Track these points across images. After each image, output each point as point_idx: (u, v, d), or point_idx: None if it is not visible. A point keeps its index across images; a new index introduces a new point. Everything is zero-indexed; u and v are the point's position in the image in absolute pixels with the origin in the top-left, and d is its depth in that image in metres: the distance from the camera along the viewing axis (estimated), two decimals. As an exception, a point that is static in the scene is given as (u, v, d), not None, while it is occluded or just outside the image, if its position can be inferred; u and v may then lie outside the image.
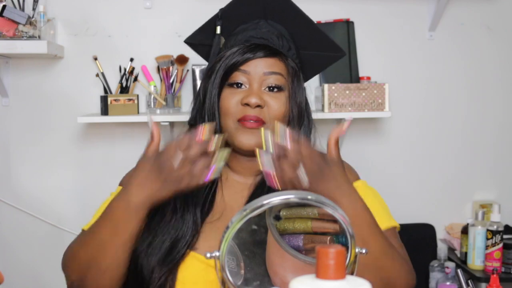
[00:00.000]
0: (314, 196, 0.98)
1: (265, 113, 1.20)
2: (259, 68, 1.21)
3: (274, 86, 1.22)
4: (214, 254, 0.97)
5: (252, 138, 1.19)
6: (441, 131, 2.40)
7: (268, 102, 1.20)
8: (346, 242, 0.98)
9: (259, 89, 1.21)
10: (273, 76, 1.21)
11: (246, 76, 1.21)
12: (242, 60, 1.21)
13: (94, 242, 1.13)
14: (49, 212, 2.23)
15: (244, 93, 1.20)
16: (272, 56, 1.22)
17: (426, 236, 2.35)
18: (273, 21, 1.28)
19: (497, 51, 2.40)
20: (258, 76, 1.21)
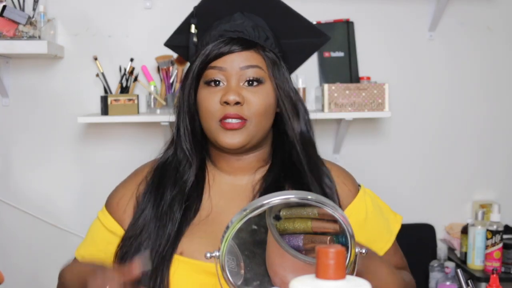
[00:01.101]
0: (314, 196, 0.99)
1: (245, 109, 1.14)
2: (235, 63, 1.15)
3: (253, 79, 1.16)
4: (214, 254, 0.98)
5: (235, 137, 1.15)
6: (441, 131, 2.40)
7: (247, 98, 1.15)
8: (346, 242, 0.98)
9: (237, 85, 1.15)
10: (250, 70, 1.15)
11: (222, 73, 1.15)
12: (217, 56, 1.15)
13: None
14: (49, 212, 2.23)
15: (222, 91, 1.15)
16: (248, 49, 1.16)
17: (426, 236, 2.35)
18: (250, 13, 1.22)
19: (497, 51, 2.40)
20: (235, 72, 1.15)
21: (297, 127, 1.21)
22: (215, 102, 1.15)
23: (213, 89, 1.16)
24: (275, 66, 1.19)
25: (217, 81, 1.16)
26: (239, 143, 1.15)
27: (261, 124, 1.17)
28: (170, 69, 2.15)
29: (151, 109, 2.16)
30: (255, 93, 1.16)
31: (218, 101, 1.15)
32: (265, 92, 1.17)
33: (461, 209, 2.42)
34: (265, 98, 1.16)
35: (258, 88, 1.16)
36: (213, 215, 1.19)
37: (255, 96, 1.15)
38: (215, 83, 1.16)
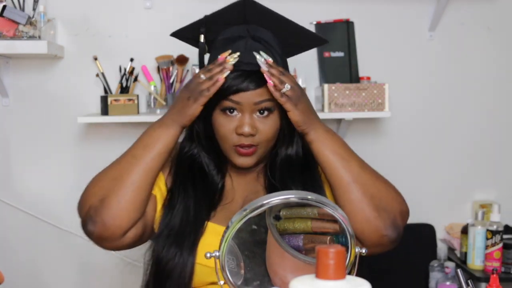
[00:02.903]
0: (314, 196, 0.99)
1: (256, 138, 1.25)
2: (250, 99, 1.23)
3: (264, 109, 1.24)
4: (214, 254, 0.98)
5: (247, 160, 1.27)
6: (441, 131, 2.40)
7: (259, 127, 1.25)
8: (346, 242, 0.98)
9: (251, 117, 1.24)
10: (263, 103, 1.24)
11: (237, 105, 1.24)
12: (234, 91, 1.22)
13: (127, 158, 1.24)
14: (49, 212, 2.23)
15: (236, 121, 1.24)
16: (262, 85, 1.22)
17: (426, 236, 2.35)
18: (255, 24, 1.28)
19: (497, 51, 2.40)
20: (249, 106, 1.23)
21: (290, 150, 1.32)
22: (230, 130, 1.25)
23: (228, 117, 1.25)
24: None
25: (232, 109, 1.24)
26: (251, 164, 1.28)
27: (268, 146, 1.29)
28: (170, 69, 2.15)
29: (151, 109, 2.16)
30: (266, 123, 1.25)
31: (233, 129, 1.24)
32: (274, 119, 1.26)
33: (461, 209, 2.42)
34: (274, 125, 1.27)
35: (268, 117, 1.26)
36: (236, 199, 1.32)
37: (266, 125, 1.25)
38: (230, 111, 1.25)
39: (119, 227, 1.19)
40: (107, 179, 1.24)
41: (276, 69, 1.20)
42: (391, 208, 1.24)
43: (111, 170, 1.26)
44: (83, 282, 2.27)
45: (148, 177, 1.22)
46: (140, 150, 1.23)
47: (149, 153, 1.22)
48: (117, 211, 1.19)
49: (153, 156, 1.22)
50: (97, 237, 1.20)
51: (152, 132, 1.24)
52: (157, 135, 1.23)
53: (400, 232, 1.24)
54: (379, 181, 1.28)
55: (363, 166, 1.27)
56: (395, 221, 1.22)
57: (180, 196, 1.27)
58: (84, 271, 2.26)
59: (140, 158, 1.22)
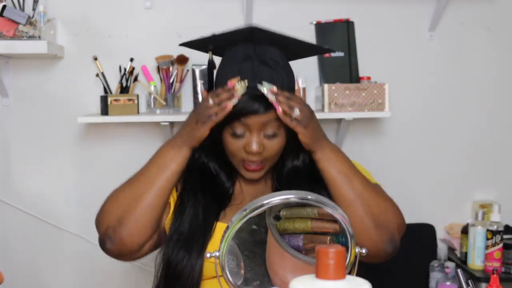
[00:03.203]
0: (314, 196, 0.99)
1: (263, 155, 1.29)
2: (259, 121, 1.26)
3: (272, 132, 1.28)
4: (214, 254, 0.98)
5: (255, 174, 1.32)
6: (441, 131, 2.40)
7: (266, 146, 1.29)
8: (346, 242, 0.98)
9: (259, 135, 1.28)
10: (270, 127, 1.27)
11: (245, 127, 1.27)
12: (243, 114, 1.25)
13: (141, 179, 1.28)
14: (49, 212, 2.23)
15: (245, 139, 1.28)
16: (270, 109, 1.25)
17: (426, 236, 2.35)
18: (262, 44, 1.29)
19: (497, 51, 2.40)
20: (257, 127, 1.27)
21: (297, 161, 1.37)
22: (239, 148, 1.29)
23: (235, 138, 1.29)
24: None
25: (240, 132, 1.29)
26: (258, 178, 1.34)
27: (275, 160, 1.34)
28: (170, 69, 2.15)
29: (151, 109, 2.16)
30: (272, 142, 1.29)
31: (241, 147, 1.29)
32: (280, 138, 1.30)
33: (461, 209, 2.42)
34: (280, 143, 1.31)
35: (275, 137, 1.30)
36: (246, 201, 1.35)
37: (273, 144, 1.29)
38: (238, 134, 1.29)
39: (137, 243, 1.26)
40: (124, 200, 1.28)
41: (282, 96, 1.23)
42: (389, 223, 1.29)
43: (127, 190, 1.30)
44: (83, 282, 2.27)
45: (163, 197, 1.28)
46: (154, 171, 1.28)
47: (163, 175, 1.27)
48: (134, 229, 1.25)
49: (167, 177, 1.27)
50: (116, 254, 1.28)
51: (165, 153, 1.29)
52: (170, 156, 1.28)
53: (397, 246, 1.30)
54: (380, 198, 1.31)
55: (365, 184, 1.30)
56: (392, 236, 1.28)
57: (190, 201, 1.32)
58: (84, 271, 2.26)
59: (155, 179, 1.27)
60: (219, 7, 2.23)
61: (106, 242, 1.27)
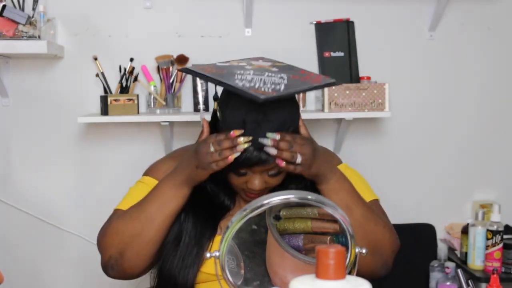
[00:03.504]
0: (314, 196, 0.99)
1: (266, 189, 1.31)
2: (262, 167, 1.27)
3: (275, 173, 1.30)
4: (214, 254, 0.98)
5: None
6: (441, 131, 2.40)
7: (269, 181, 1.30)
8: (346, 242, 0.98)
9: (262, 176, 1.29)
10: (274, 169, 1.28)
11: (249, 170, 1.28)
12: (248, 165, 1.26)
13: (142, 215, 1.29)
14: (49, 212, 2.23)
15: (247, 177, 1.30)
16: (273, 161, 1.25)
17: (426, 236, 2.35)
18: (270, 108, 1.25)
19: (497, 51, 2.40)
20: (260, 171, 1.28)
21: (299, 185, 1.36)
22: (241, 183, 1.31)
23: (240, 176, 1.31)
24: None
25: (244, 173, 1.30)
26: None
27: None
28: (170, 69, 2.15)
29: (151, 109, 2.16)
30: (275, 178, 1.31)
31: (244, 183, 1.31)
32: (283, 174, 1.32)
33: (461, 209, 2.42)
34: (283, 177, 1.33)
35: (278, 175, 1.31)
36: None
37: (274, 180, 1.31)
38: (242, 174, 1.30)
39: (138, 272, 1.33)
40: (125, 234, 1.31)
41: (284, 142, 1.21)
42: (384, 250, 1.33)
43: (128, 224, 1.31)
44: (83, 282, 2.27)
45: (164, 232, 1.30)
46: (154, 209, 1.29)
47: (163, 213, 1.29)
48: (136, 261, 1.30)
49: (167, 215, 1.29)
50: (118, 278, 1.35)
51: (166, 191, 1.29)
52: (170, 196, 1.29)
53: (389, 268, 1.35)
54: (378, 225, 1.32)
55: (365, 213, 1.31)
56: (387, 262, 1.34)
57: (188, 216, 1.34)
58: (84, 271, 2.26)
59: (155, 217, 1.29)
60: (219, 7, 2.23)
61: (108, 270, 1.33)
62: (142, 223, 1.29)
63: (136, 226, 1.29)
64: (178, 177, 1.29)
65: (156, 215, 1.28)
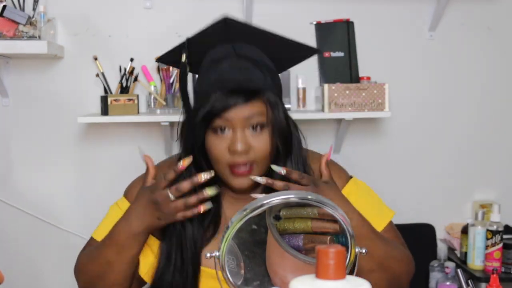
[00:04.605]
0: (314, 196, 0.99)
1: (251, 155, 1.21)
2: (240, 114, 1.19)
3: (257, 124, 1.21)
4: (214, 254, 0.98)
5: (245, 181, 1.22)
6: (441, 131, 2.40)
7: (253, 144, 1.21)
8: (346, 242, 0.98)
9: (243, 133, 1.20)
10: (254, 118, 1.20)
11: (227, 122, 1.19)
12: (222, 109, 1.18)
13: (101, 260, 1.24)
14: (49, 212, 2.23)
15: (229, 139, 1.20)
16: (251, 99, 1.19)
17: (426, 236, 2.35)
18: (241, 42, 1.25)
19: (497, 51, 2.40)
20: (240, 121, 1.19)
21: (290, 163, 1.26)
22: (223, 149, 1.21)
23: (219, 137, 1.21)
24: (275, 108, 1.23)
25: (223, 127, 1.20)
26: (248, 186, 1.23)
27: (266, 163, 1.24)
28: (170, 69, 2.15)
29: (151, 109, 2.16)
30: (259, 139, 1.21)
31: (226, 148, 1.20)
32: (268, 135, 1.22)
33: (461, 209, 2.42)
34: (268, 141, 1.22)
35: (261, 132, 1.22)
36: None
37: (260, 141, 1.21)
38: (221, 130, 1.21)
39: None
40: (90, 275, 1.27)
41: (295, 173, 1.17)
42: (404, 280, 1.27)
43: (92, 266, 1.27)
44: (83, 282, 2.27)
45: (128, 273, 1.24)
46: (112, 255, 1.23)
47: (122, 259, 1.23)
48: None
49: (126, 261, 1.23)
50: None
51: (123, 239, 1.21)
52: (128, 243, 1.21)
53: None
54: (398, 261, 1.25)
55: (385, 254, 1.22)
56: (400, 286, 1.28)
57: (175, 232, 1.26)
58: (84, 271, 2.26)
59: (115, 263, 1.23)
60: (219, 7, 2.22)
61: None
62: (103, 267, 1.23)
63: (98, 269, 1.24)
64: (136, 227, 1.20)
65: (115, 260, 1.22)
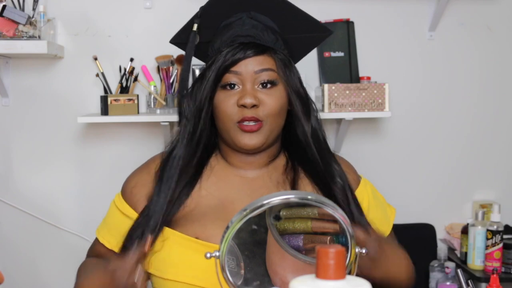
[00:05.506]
0: (314, 196, 0.98)
1: (260, 111, 1.21)
2: (250, 67, 1.21)
3: (267, 81, 1.22)
4: (214, 254, 0.98)
5: (253, 139, 1.22)
6: (441, 131, 2.40)
7: (262, 100, 1.21)
8: (346, 242, 0.98)
9: (253, 88, 1.21)
10: (264, 73, 1.22)
11: (238, 77, 1.22)
12: (232, 62, 1.21)
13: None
14: (49, 212, 2.23)
15: (238, 94, 1.21)
16: (261, 53, 1.22)
17: (426, 236, 2.35)
18: (256, 12, 1.27)
19: (497, 51, 2.40)
20: (250, 75, 1.21)
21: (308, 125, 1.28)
22: (231, 104, 1.21)
23: (229, 92, 1.22)
24: (286, 68, 1.26)
25: (232, 84, 1.22)
26: (257, 144, 1.23)
27: (275, 124, 1.24)
28: (170, 69, 2.15)
29: (151, 109, 2.16)
30: (269, 95, 1.22)
31: (235, 104, 1.21)
32: (278, 93, 1.23)
33: (461, 209, 2.42)
34: (279, 99, 1.23)
35: (272, 90, 1.23)
36: (225, 203, 1.26)
37: (269, 98, 1.22)
38: (230, 87, 1.22)
39: None
40: None
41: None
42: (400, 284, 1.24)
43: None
44: (83, 282, 2.27)
45: None
46: None
47: None
48: None
49: None
50: None
51: None
52: None
53: None
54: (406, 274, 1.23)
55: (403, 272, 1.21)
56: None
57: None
58: (84, 271, 2.26)
59: None
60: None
61: None
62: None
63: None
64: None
65: None
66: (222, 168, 1.31)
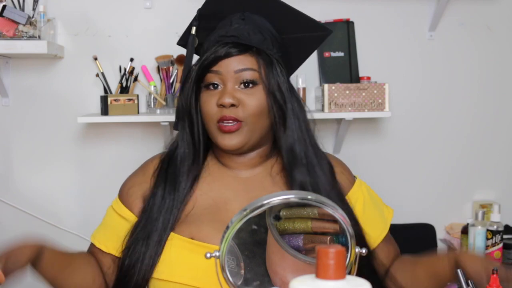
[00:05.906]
0: (314, 196, 0.99)
1: (240, 111, 1.21)
2: (231, 67, 1.21)
3: (247, 81, 1.22)
4: (214, 254, 0.98)
5: (233, 139, 1.22)
6: (441, 131, 2.40)
7: (242, 100, 1.21)
8: (346, 242, 0.98)
9: (233, 88, 1.21)
10: (245, 73, 1.21)
11: (219, 77, 1.21)
12: (213, 61, 1.21)
13: None
14: (49, 212, 2.23)
15: (219, 93, 1.22)
16: (243, 52, 1.21)
17: (426, 236, 2.35)
18: (250, 13, 1.27)
19: (497, 51, 2.40)
20: (230, 75, 1.21)
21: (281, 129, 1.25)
22: (212, 104, 1.22)
23: (211, 92, 1.23)
24: (269, 68, 1.23)
25: (215, 84, 1.22)
26: (236, 145, 1.22)
27: (257, 125, 1.23)
28: (170, 69, 2.15)
29: (151, 109, 2.16)
30: (250, 95, 1.22)
31: (215, 104, 1.21)
32: (259, 94, 1.22)
33: (461, 209, 2.42)
34: (259, 99, 1.22)
35: (253, 89, 1.22)
36: (219, 204, 1.25)
37: (249, 98, 1.21)
38: (213, 86, 1.22)
39: None
40: None
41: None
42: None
43: None
44: (83, 282, 2.27)
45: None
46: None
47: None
48: None
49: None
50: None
51: None
52: None
53: None
54: None
55: None
56: None
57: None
58: (84, 271, 2.26)
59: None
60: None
61: None
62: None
63: None
64: None
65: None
66: (216, 169, 1.31)
